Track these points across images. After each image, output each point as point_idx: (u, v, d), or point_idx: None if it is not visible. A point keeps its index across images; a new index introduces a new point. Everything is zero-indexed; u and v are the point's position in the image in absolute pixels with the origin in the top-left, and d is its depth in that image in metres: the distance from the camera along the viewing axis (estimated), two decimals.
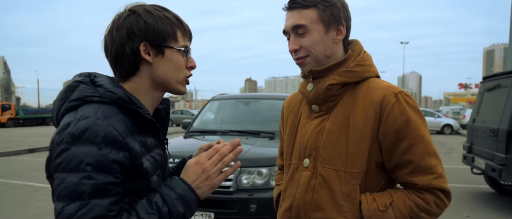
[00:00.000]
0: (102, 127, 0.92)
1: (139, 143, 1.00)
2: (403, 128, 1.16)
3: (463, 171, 8.61)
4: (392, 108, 1.16)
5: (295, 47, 1.24)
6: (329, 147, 1.23)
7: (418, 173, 1.17)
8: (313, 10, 1.21)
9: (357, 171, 1.19)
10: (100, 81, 1.05)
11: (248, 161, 3.88)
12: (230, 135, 4.98)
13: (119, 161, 0.93)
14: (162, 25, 1.04)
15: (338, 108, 1.25)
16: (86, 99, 0.99)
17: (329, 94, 1.24)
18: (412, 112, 1.18)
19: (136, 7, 1.06)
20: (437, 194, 1.18)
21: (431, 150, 1.18)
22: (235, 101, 6.01)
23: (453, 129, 22.78)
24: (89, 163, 0.89)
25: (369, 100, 1.20)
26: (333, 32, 1.24)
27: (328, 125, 1.25)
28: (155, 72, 1.06)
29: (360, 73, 1.24)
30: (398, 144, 1.17)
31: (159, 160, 1.09)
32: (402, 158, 1.17)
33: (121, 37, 1.02)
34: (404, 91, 1.21)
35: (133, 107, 1.00)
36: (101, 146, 0.91)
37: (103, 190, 0.91)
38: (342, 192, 1.20)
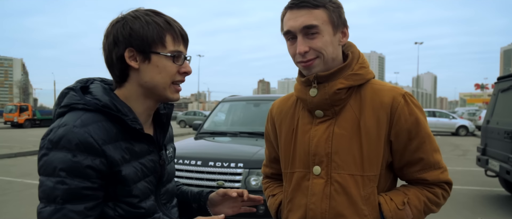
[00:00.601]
0: (77, 134, 0.95)
1: (123, 150, 1.03)
2: (413, 127, 1.19)
3: (477, 173, 8.48)
4: (402, 109, 1.19)
5: (305, 49, 1.18)
6: (342, 152, 1.20)
7: (427, 169, 1.22)
8: (323, 10, 1.17)
9: (374, 173, 1.20)
10: (92, 88, 1.09)
11: (257, 163, 3.90)
12: (240, 136, 5.01)
13: (95, 167, 0.96)
14: (148, 31, 1.04)
15: (346, 112, 1.23)
16: (72, 106, 1.03)
17: (337, 99, 1.21)
18: (419, 111, 1.22)
19: (127, 14, 1.07)
20: (444, 186, 1.24)
21: (436, 146, 1.24)
22: (245, 103, 6.04)
23: (468, 130, 22.42)
24: (63, 169, 0.94)
25: (378, 103, 1.20)
26: (339, 35, 1.23)
27: (337, 129, 1.22)
28: (143, 78, 1.07)
29: (363, 75, 1.24)
30: (409, 143, 1.20)
31: (150, 166, 1.11)
32: (413, 156, 1.21)
33: (109, 44, 1.06)
34: (408, 92, 1.23)
35: (118, 114, 1.03)
36: (76, 152, 0.95)
37: (77, 195, 0.94)
38: (361, 196, 1.19)
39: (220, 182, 3.86)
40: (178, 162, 4.04)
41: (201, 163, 3.94)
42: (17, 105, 29.65)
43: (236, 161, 3.91)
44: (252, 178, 3.85)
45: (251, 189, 3.82)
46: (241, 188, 3.81)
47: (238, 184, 3.83)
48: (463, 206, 6.01)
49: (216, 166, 3.90)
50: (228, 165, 3.90)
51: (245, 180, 3.84)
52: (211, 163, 3.93)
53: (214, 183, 3.87)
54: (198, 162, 3.95)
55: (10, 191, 6.72)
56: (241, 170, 3.85)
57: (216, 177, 3.88)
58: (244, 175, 3.84)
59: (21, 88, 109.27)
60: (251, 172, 3.86)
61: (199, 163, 3.95)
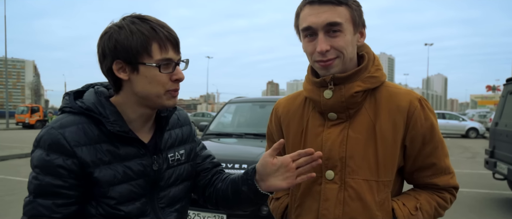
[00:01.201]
0: (51, 135, 1.03)
1: (103, 152, 1.05)
2: (428, 132, 1.18)
3: (485, 176, 8.39)
4: (419, 114, 1.17)
5: (327, 48, 1.12)
6: (357, 156, 1.16)
7: (439, 174, 1.22)
8: (346, 8, 1.12)
9: (389, 179, 1.18)
10: (86, 93, 1.14)
11: None
12: (246, 137, 5.03)
13: (66, 167, 1.01)
14: (132, 41, 1.01)
15: (360, 115, 1.19)
16: (63, 109, 1.12)
17: (353, 102, 1.17)
18: (433, 117, 1.21)
19: (113, 24, 1.06)
20: (452, 191, 1.25)
21: (446, 151, 1.24)
22: (251, 104, 6.06)
23: (478, 132, 22.17)
24: (37, 166, 1.03)
25: (394, 106, 1.17)
26: (358, 35, 1.18)
27: (352, 133, 1.18)
28: (135, 88, 1.07)
29: (379, 78, 1.21)
30: (423, 147, 1.19)
31: (138, 170, 1.09)
32: (425, 161, 1.20)
33: (99, 56, 1.08)
34: (422, 96, 1.22)
35: (98, 117, 1.06)
36: (49, 152, 1.02)
37: (48, 191, 1.01)
38: (375, 202, 1.16)
39: None
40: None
41: None
42: (29, 106, 30.14)
43: (240, 162, 3.92)
44: None
45: None
46: None
47: None
48: (470, 209, 5.96)
49: None
50: (232, 166, 3.91)
51: None
52: None
53: None
54: None
55: (20, 191, 6.82)
56: None
57: None
58: None
59: (33, 89, 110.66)
60: None
61: None
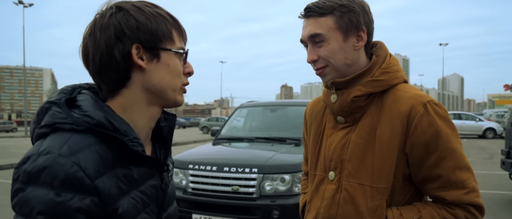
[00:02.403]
0: (64, 166, 0.74)
1: (120, 179, 0.82)
2: (432, 140, 1.09)
3: (502, 177, 8.23)
4: (420, 119, 1.10)
5: (313, 58, 1.18)
6: (355, 160, 1.18)
7: (448, 187, 1.11)
8: (329, 17, 1.15)
9: (383, 186, 1.14)
10: (80, 100, 0.85)
11: (271, 168, 3.94)
12: (256, 141, 5.06)
13: (84, 209, 0.74)
14: (156, 24, 0.86)
15: (365, 120, 1.19)
16: (55, 126, 0.81)
17: (355, 106, 1.18)
18: (442, 122, 1.11)
19: (122, 3, 0.87)
20: (469, 209, 1.11)
21: (462, 164, 1.11)
22: (262, 108, 6.08)
23: (496, 132, 21.72)
24: (41, 212, 0.72)
25: (395, 111, 1.13)
26: (353, 39, 1.17)
27: (354, 137, 1.19)
28: (150, 81, 0.87)
29: (386, 81, 1.17)
30: (427, 157, 1.11)
31: (151, 194, 0.90)
32: (431, 172, 1.11)
33: (107, 39, 0.83)
34: (433, 100, 1.13)
35: (115, 135, 0.81)
36: (60, 191, 0.73)
37: None
38: (367, 208, 1.14)
39: (234, 187, 3.91)
40: (194, 167, 4.12)
41: (216, 168, 4.01)
42: None
43: (251, 166, 3.96)
44: (267, 183, 3.88)
45: (265, 194, 3.86)
46: (255, 193, 3.86)
47: (253, 189, 3.88)
48: (487, 210, 5.81)
49: (231, 172, 3.96)
50: (242, 170, 3.95)
51: (259, 185, 3.88)
52: (226, 168, 3.99)
53: (229, 189, 3.92)
54: (214, 167, 4.02)
55: None
56: (255, 175, 3.89)
57: (231, 183, 3.93)
58: (259, 180, 3.88)
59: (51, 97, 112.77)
60: (266, 177, 3.89)
61: (215, 168, 4.01)
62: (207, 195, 4.00)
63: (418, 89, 1.20)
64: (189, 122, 52.34)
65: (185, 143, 20.57)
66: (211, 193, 3.99)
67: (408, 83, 1.22)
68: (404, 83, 1.21)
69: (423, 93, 1.16)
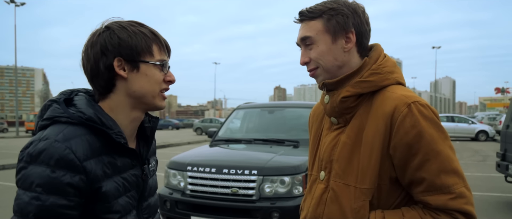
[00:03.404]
0: (59, 149, 0.92)
1: (105, 164, 1.01)
2: (415, 141, 1.06)
3: (497, 179, 8.29)
4: (403, 120, 1.08)
5: (305, 60, 1.23)
6: (342, 160, 1.19)
7: (432, 192, 1.07)
8: (318, 21, 1.19)
9: (367, 187, 1.13)
10: (76, 100, 1.05)
11: (271, 170, 3.92)
12: (255, 143, 5.03)
13: (74, 184, 0.93)
14: (136, 40, 1.04)
15: (354, 120, 1.20)
16: (54, 119, 1.00)
17: (344, 107, 1.20)
18: (427, 123, 1.07)
19: (111, 23, 1.06)
20: (455, 216, 1.06)
21: (449, 167, 1.06)
22: (259, 110, 6.07)
23: (488, 135, 21.93)
24: (39, 184, 0.90)
25: (380, 112, 1.13)
26: (342, 41, 1.19)
27: (343, 137, 1.21)
28: (131, 88, 1.05)
29: (375, 82, 1.17)
30: (411, 159, 1.08)
31: (132, 181, 1.08)
32: (415, 175, 1.08)
33: (95, 53, 1.02)
34: (420, 101, 1.10)
35: (102, 128, 1.00)
36: (55, 168, 0.91)
37: (51, 213, 0.91)
38: (351, 208, 1.14)
39: (234, 189, 3.88)
40: (192, 169, 4.09)
41: (216, 170, 3.97)
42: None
43: (250, 168, 3.93)
44: (266, 185, 3.86)
45: (264, 196, 3.84)
46: (255, 195, 3.84)
47: (252, 191, 3.85)
48: (482, 213, 5.88)
49: (230, 174, 3.93)
50: (242, 172, 3.92)
51: (259, 187, 3.85)
52: (225, 170, 3.96)
53: (229, 191, 3.89)
54: (213, 169, 3.99)
55: None
56: (255, 177, 3.87)
57: (231, 185, 3.91)
58: (258, 182, 3.86)
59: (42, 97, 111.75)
60: (265, 179, 3.87)
61: (214, 170, 3.98)
62: (206, 197, 3.96)
63: (409, 90, 1.18)
64: (182, 123, 52.13)
65: (179, 144, 20.48)
66: (210, 195, 3.95)
67: (402, 85, 1.21)
68: (397, 85, 1.20)
69: (411, 94, 1.13)
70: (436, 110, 1.12)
